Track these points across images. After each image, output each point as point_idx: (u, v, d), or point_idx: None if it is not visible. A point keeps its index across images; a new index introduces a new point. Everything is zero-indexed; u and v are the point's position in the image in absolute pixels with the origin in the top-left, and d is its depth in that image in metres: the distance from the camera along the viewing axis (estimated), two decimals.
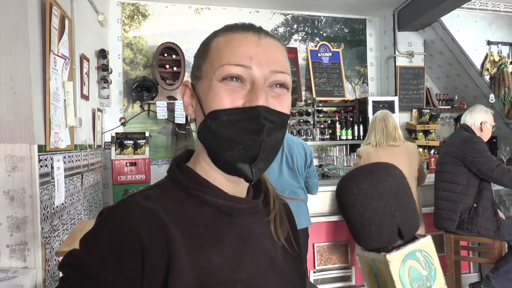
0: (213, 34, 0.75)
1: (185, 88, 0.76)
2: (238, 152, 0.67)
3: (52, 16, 2.61)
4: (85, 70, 3.70)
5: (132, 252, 0.61)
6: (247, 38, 0.70)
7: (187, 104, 0.76)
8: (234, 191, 0.74)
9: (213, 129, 0.68)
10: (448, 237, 3.36)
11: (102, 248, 0.62)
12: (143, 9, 5.38)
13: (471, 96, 6.06)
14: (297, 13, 5.96)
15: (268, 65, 0.69)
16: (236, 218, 0.72)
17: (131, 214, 0.64)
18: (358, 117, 5.76)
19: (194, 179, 0.72)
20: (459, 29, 5.71)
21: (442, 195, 3.27)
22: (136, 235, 0.62)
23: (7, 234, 2.28)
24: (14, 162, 2.29)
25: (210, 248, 0.67)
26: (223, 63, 0.68)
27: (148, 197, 0.69)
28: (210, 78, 0.69)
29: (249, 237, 0.73)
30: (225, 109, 0.67)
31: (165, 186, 0.73)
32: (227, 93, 0.67)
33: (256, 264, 0.71)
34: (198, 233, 0.67)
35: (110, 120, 5.10)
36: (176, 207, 0.69)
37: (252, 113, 0.66)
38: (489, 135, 3.28)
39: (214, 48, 0.71)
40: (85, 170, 3.70)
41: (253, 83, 0.68)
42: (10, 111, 2.28)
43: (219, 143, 0.68)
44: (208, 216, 0.70)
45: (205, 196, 0.71)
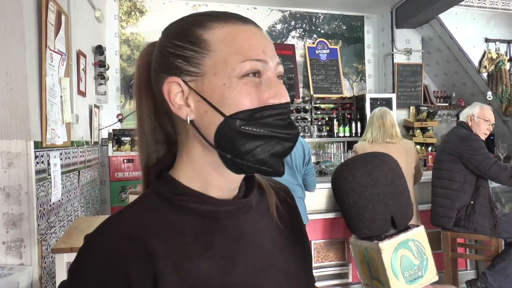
0: (196, 23, 0.69)
1: (170, 86, 0.68)
2: (272, 146, 0.66)
3: (48, 11, 2.60)
4: (82, 66, 3.68)
5: (116, 281, 0.60)
6: (252, 30, 0.68)
7: (178, 105, 0.68)
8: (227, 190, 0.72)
9: (240, 129, 0.64)
10: (445, 234, 3.37)
11: (87, 279, 0.62)
12: (140, 5, 5.37)
13: (468, 93, 6.06)
14: (294, 9, 5.95)
15: (275, 58, 0.69)
16: (225, 220, 0.70)
17: (110, 241, 0.63)
18: (355, 114, 5.76)
19: (175, 188, 0.70)
20: (457, 26, 5.71)
21: (439, 192, 3.27)
22: (118, 262, 0.61)
23: (3, 231, 2.27)
24: (10, 158, 2.28)
25: (200, 256, 0.65)
26: (242, 59, 0.65)
27: (126, 217, 0.67)
28: (226, 75, 0.65)
29: (242, 237, 0.70)
30: (255, 108, 0.65)
31: (146, 199, 0.70)
32: (252, 90, 0.65)
33: (252, 265, 0.69)
34: (186, 242, 0.65)
35: (107, 117, 5.08)
36: (159, 219, 0.67)
37: (282, 110, 0.67)
38: (483, 130, 3.28)
39: (217, 41, 0.66)
40: (82, 167, 3.69)
41: (269, 78, 0.67)
42: (6, 107, 2.27)
43: (248, 141, 0.65)
44: (194, 223, 0.68)
45: (188, 204, 0.68)
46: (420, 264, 0.63)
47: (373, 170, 0.64)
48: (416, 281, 0.63)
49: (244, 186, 0.77)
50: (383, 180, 0.64)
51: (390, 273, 0.61)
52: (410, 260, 0.62)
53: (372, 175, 0.64)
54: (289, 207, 0.85)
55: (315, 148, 5.72)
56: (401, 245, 0.62)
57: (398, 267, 0.61)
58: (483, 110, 3.31)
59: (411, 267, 0.62)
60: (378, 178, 0.64)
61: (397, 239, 0.62)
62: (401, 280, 0.62)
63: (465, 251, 3.85)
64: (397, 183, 0.66)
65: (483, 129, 3.28)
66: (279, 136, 0.66)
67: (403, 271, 0.62)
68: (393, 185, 0.65)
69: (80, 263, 0.64)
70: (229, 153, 0.66)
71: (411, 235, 0.64)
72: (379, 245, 0.61)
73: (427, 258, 0.64)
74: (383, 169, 0.65)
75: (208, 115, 0.66)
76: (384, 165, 0.66)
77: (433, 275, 0.64)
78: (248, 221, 0.73)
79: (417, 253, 0.63)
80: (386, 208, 0.63)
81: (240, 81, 0.65)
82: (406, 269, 0.62)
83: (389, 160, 0.68)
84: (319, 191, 3.54)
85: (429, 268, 0.64)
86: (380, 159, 0.67)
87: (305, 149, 3.16)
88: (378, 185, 0.63)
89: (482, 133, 3.27)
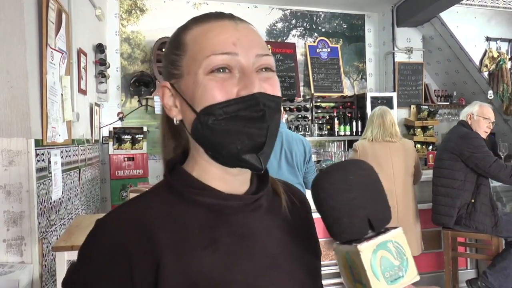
0: (182, 28, 0.72)
1: (163, 90, 0.72)
2: (242, 143, 0.65)
3: (49, 10, 2.60)
4: (82, 64, 3.68)
5: (120, 264, 0.63)
6: (225, 25, 0.68)
7: (169, 107, 0.72)
8: (234, 186, 0.73)
9: (210, 125, 0.65)
10: (446, 233, 3.37)
11: (94, 262, 0.65)
12: (141, 3, 5.36)
13: (469, 92, 6.06)
14: (295, 8, 5.94)
15: (252, 49, 0.67)
16: (233, 216, 0.70)
17: (116, 225, 0.66)
18: (356, 113, 5.75)
19: (185, 181, 0.71)
20: (458, 25, 5.70)
21: (440, 191, 3.27)
22: (122, 247, 0.63)
23: (4, 229, 2.27)
24: (10, 156, 2.28)
25: (204, 249, 0.66)
26: (207, 54, 0.66)
27: (136, 205, 0.70)
28: (194, 73, 0.67)
29: (248, 235, 0.70)
30: (220, 102, 0.64)
31: (157, 190, 0.73)
32: (218, 85, 0.65)
33: (255, 263, 0.69)
34: (191, 235, 0.66)
35: (108, 115, 5.08)
36: (167, 211, 0.68)
37: (251, 101, 0.64)
38: (483, 129, 3.28)
39: (190, 41, 0.69)
40: (82, 165, 3.69)
41: (242, 70, 0.66)
42: (6, 105, 2.27)
43: (219, 138, 0.66)
44: (201, 216, 0.69)
45: (196, 197, 0.69)
46: (400, 265, 0.64)
47: (347, 175, 0.66)
48: (397, 281, 0.63)
49: (256, 182, 0.77)
50: (358, 184, 0.66)
51: (370, 274, 0.62)
52: (390, 261, 0.63)
53: (347, 181, 0.66)
54: (303, 213, 0.84)
55: (315, 147, 5.72)
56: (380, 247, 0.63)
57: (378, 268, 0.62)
58: (482, 108, 3.31)
59: (391, 267, 0.63)
60: (353, 183, 0.66)
61: (376, 241, 0.64)
62: (382, 281, 0.62)
63: (466, 250, 3.85)
64: (373, 187, 0.67)
65: (483, 127, 3.28)
66: (248, 132, 0.65)
67: (383, 272, 0.62)
68: (368, 189, 0.66)
69: (87, 245, 0.67)
70: (208, 150, 0.69)
71: (389, 237, 0.65)
72: (357, 247, 0.63)
73: (407, 259, 0.65)
74: (358, 174, 0.67)
75: (187, 114, 0.69)
76: (358, 171, 0.68)
77: (414, 275, 0.65)
78: (257, 219, 0.73)
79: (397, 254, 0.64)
80: (362, 212, 0.65)
81: (205, 77, 0.66)
82: (386, 270, 0.63)
83: (364, 165, 0.70)
84: None
85: (409, 269, 0.64)
86: (355, 165, 0.69)
87: (305, 148, 3.16)
88: (353, 189, 0.65)
89: (482, 131, 3.27)
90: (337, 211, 0.65)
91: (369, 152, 3.22)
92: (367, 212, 0.65)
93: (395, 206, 3.12)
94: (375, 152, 3.21)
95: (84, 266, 0.66)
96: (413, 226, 3.21)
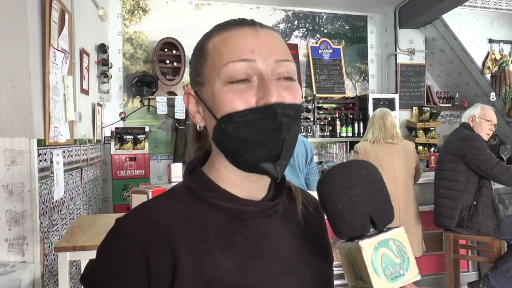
0: (206, 35, 0.73)
1: (188, 96, 0.74)
2: (260, 152, 0.66)
3: (52, 10, 2.60)
4: (85, 64, 3.69)
5: (139, 262, 0.64)
6: (244, 32, 0.69)
7: (193, 113, 0.74)
8: (252, 192, 0.74)
9: (229, 132, 0.66)
10: (447, 236, 3.37)
11: (111, 259, 0.66)
12: (144, 4, 5.37)
13: (472, 94, 6.05)
14: (298, 9, 5.94)
15: (271, 56, 0.68)
16: (249, 221, 0.71)
17: (136, 225, 0.67)
18: (358, 114, 5.75)
19: (204, 184, 0.73)
20: (461, 27, 5.70)
21: (442, 193, 3.27)
22: (140, 246, 0.64)
23: (6, 229, 2.27)
24: (13, 156, 2.28)
25: (221, 252, 0.67)
26: (225, 62, 0.66)
27: (155, 205, 0.71)
28: (214, 81, 0.68)
29: (264, 240, 0.71)
30: (239, 111, 0.65)
31: (176, 192, 0.74)
32: (237, 95, 0.66)
33: (270, 268, 0.70)
34: (208, 237, 0.67)
35: (110, 115, 5.09)
36: (186, 212, 0.70)
37: (269, 112, 0.65)
38: (485, 131, 3.27)
39: (211, 49, 0.70)
40: (84, 165, 3.70)
41: (261, 77, 0.66)
42: (9, 105, 2.27)
43: (238, 145, 0.67)
44: (219, 220, 0.70)
45: (215, 201, 0.71)
46: (401, 263, 0.65)
47: (351, 173, 0.68)
48: (398, 279, 0.64)
49: (273, 189, 0.78)
50: (361, 182, 0.67)
51: (371, 271, 0.63)
52: (391, 258, 0.64)
53: (350, 179, 0.67)
54: (317, 220, 0.85)
55: (317, 148, 5.72)
56: (381, 244, 0.64)
57: (379, 265, 0.63)
58: (484, 110, 3.30)
59: (392, 265, 0.64)
60: (356, 181, 0.67)
61: (377, 238, 0.65)
62: (382, 278, 0.63)
63: (467, 252, 3.84)
64: (375, 185, 0.69)
65: (485, 129, 3.28)
66: (265, 142, 0.66)
67: (384, 269, 0.63)
68: (371, 187, 0.68)
69: (107, 243, 0.68)
70: (228, 155, 0.70)
71: (391, 235, 0.66)
72: (359, 243, 0.64)
73: (408, 258, 0.66)
74: (361, 173, 0.68)
75: (209, 120, 0.71)
76: (362, 169, 0.69)
77: (415, 273, 0.65)
78: (273, 225, 0.74)
79: (398, 252, 0.65)
80: (365, 209, 0.66)
81: (224, 87, 0.66)
82: (387, 267, 0.64)
83: (367, 164, 0.71)
84: None
85: (410, 267, 0.65)
86: (358, 164, 0.71)
87: (307, 149, 3.16)
88: (356, 187, 0.67)
89: (484, 133, 3.27)
90: (340, 208, 0.66)
91: (371, 153, 3.22)
92: (369, 209, 0.66)
93: (396, 207, 3.13)
94: (377, 154, 3.21)
95: (102, 264, 0.67)
96: (414, 227, 3.21)
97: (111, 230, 0.69)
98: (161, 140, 5.31)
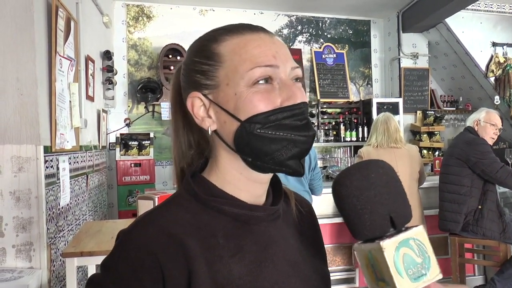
0: (210, 39, 0.73)
1: (193, 100, 0.72)
2: (289, 150, 0.68)
3: (58, 18, 2.63)
4: (90, 71, 3.72)
5: (151, 274, 0.63)
6: (261, 38, 0.71)
7: (201, 118, 0.72)
8: (258, 194, 0.75)
9: (256, 133, 0.67)
10: (453, 240, 3.36)
11: (122, 273, 0.64)
12: (148, 10, 5.40)
13: (476, 97, 6.04)
14: (301, 14, 5.96)
15: (288, 62, 0.70)
16: (255, 225, 0.72)
17: (146, 235, 0.66)
18: (362, 118, 5.75)
19: (209, 190, 0.73)
20: (464, 30, 5.70)
21: (447, 197, 3.27)
22: (153, 256, 0.63)
23: (13, 235, 2.29)
24: (20, 163, 2.30)
25: (231, 258, 0.67)
26: (251, 66, 0.67)
27: (163, 214, 0.70)
28: (235, 84, 0.68)
29: (270, 243, 0.72)
30: (267, 111, 0.67)
31: (180, 199, 0.73)
32: (263, 97, 0.67)
33: (279, 271, 0.71)
34: (217, 243, 0.68)
35: (115, 121, 5.11)
36: (193, 219, 0.69)
37: (297, 110, 0.68)
38: (490, 135, 3.27)
39: (228, 52, 0.70)
40: (90, 171, 3.72)
41: (282, 81, 0.69)
42: (16, 113, 2.30)
43: (265, 145, 0.67)
44: (226, 225, 0.70)
45: (221, 207, 0.71)
46: (423, 262, 0.64)
47: (368, 173, 0.68)
48: (421, 279, 0.64)
49: (271, 194, 0.79)
50: (379, 182, 0.67)
51: (394, 271, 0.62)
52: (413, 258, 0.64)
53: (368, 178, 0.67)
54: (311, 222, 0.87)
55: (321, 153, 5.72)
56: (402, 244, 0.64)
57: (401, 265, 0.63)
58: (489, 114, 3.30)
59: (414, 265, 0.63)
60: (374, 181, 0.67)
61: (398, 238, 0.64)
62: (405, 278, 0.63)
63: (473, 256, 3.83)
64: (392, 184, 0.69)
65: (490, 133, 3.28)
66: (295, 139, 0.68)
67: (407, 269, 0.63)
68: (388, 186, 0.68)
69: (115, 258, 0.66)
70: (249, 156, 0.70)
71: (411, 234, 0.65)
72: (380, 243, 0.63)
73: (429, 257, 0.65)
74: (378, 172, 0.68)
75: (227, 123, 0.70)
76: (378, 169, 0.69)
77: (436, 273, 0.65)
78: (276, 229, 0.75)
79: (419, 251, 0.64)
80: (383, 208, 0.66)
81: (250, 89, 0.67)
82: (409, 267, 0.63)
83: (383, 164, 0.71)
84: (326, 196, 3.53)
85: (432, 266, 0.65)
86: (374, 164, 0.71)
87: (310, 155, 3.17)
88: (374, 187, 0.66)
89: (489, 137, 3.27)
90: (358, 208, 0.66)
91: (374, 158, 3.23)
92: (388, 209, 0.66)
93: None
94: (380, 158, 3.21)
95: (111, 278, 0.65)
96: None
97: (119, 242, 0.67)
98: (165, 146, 5.33)
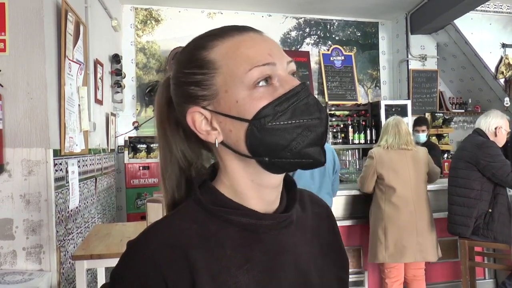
0: (198, 46, 0.71)
1: (193, 116, 0.69)
2: (305, 136, 0.64)
3: (68, 22, 2.65)
4: (99, 75, 3.74)
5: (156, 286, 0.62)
6: (252, 37, 0.69)
7: (205, 132, 0.69)
8: (271, 200, 0.72)
9: (267, 127, 0.64)
10: (462, 243, 3.33)
11: (127, 284, 0.64)
12: (156, 14, 5.43)
13: (485, 99, 5.99)
14: (309, 16, 5.96)
15: (283, 58, 0.69)
16: (264, 234, 0.70)
17: (152, 248, 0.65)
18: (370, 121, 5.73)
19: (216, 200, 0.70)
20: (473, 32, 5.66)
21: (456, 200, 3.24)
22: (158, 269, 0.63)
23: (23, 237, 2.31)
24: (30, 166, 2.33)
25: (238, 269, 0.66)
26: (248, 68, 0.65)
27: (169, 226, 0.69)
28: (235, 88, 0.66)
29: (281, 252, 0.70)
30: (272, 101, 0.64)
31: (187, 209, 0.71)
32: (266, 91, 0.65)
33: (289, 280, 0.69)
34: (225, 254, 0.66)
35: (123, 124, 5.14)
36: (200, 230, 0.68)
37: (298, 89, 0.65)
38: (503, 141, 3.25)
39: (221, 57, 0.67)
40: (98, 174, 3.74)
41: (281, 78, 0.67)
42: (26, 116, 2.32)
43: (279, 137, 0.64)
44: (234, 236, 0.68)
45: (229, 217, 0.69)
46: None
47: None
48: None
49: (285, 199, 0.76)
50: None
51: None
52: None
53: None
54: (330, 226, 0.84)
55: None
56: None
57: None
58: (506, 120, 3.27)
59: None
60: None
61: None
62: None
63: (483, 260, 3.80)
64: None
65: (504, 139, 3.26)
66: (309, 124, 0.64)
67: None
68: None
69: (122, 269, 0.66)
70: (265, 156, 0.66)
71: None
72: None
73: None
74: None
75: (233, 131, 0.67)
76: None
77: None
78: (288, 236, 0.72)
79: None
80: None
81: (251, 90, 0.65)
82: None
83: None
84: (336, 198, 3.53)
85: None
86: None
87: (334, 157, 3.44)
88: None
89: (502, 143, 3.24)
90: None
91: (385, 159, 3.25)
92: None
93: (413, 212, 3.15)
94: (391, 160, 3.24)
95: None
96: (429, 232, 3.19)
97: (125, 254, 0.67)
98: None
